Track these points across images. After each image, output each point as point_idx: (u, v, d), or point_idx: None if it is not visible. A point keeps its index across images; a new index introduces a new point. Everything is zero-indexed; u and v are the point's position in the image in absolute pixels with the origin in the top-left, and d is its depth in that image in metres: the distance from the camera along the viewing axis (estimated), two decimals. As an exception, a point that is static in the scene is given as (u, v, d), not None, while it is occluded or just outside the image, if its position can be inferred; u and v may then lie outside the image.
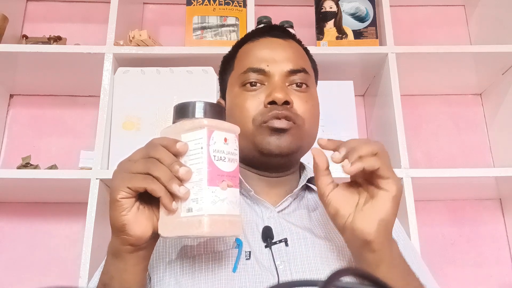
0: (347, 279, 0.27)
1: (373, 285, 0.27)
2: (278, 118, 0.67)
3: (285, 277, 0.61)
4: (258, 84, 0.71)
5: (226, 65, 0.81)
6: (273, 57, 0.72)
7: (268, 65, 0.71)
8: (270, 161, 0.70)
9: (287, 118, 0.67)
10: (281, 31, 0.79)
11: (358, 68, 1.27)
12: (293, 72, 0.72)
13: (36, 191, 1.20)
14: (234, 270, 0.61)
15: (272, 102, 0.68)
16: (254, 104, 0.70)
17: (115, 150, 1.09)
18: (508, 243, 1.33)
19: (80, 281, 0.96)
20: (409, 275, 0.59)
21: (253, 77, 0.71)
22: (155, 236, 0.52)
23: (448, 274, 1.29)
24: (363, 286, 0.27)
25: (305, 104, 0.71)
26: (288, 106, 0.68)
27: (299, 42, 0.80)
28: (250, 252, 0.63)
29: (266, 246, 0.63)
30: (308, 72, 0.74)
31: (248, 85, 0.71)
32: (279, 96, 0.67)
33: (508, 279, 1.30)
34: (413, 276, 0.60)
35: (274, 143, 0.67)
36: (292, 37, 0.79)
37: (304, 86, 0.72)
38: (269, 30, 0.79)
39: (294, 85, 0.72)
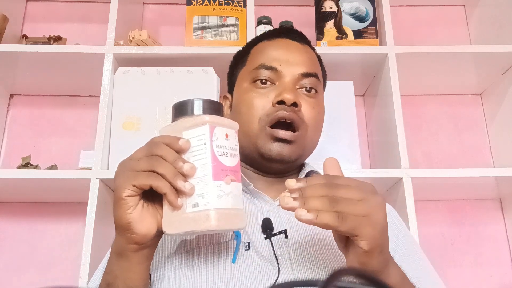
0: (347, 279, 0.27)
1: (373, 285, 0.27)
2: (284, 119, 0.67)
3: (285, 268, 0.61)
4: (268, 83, 0.71)
5: (238, 60, 0.81)
6: (287, 58, 0.72)
7: (281, 65, 0.71)
8: (269, 166, 0.71)
9: (292, 121, 0.68)
10: (298, 35, 0.79)
11: (358, 68, 1.27)
12: (305, 75, 0.72)
13: (36, 191, 1.20)
14: (233, 261, 0.61)
15: (281, 102, 0.68)
16: (262, 102, 0.70)
17: (115, 150, 1.09)
18: (508, 243, 1.33)
19: (80, 281, 0.96)
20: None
21: (264, 74, 0.71)
22: (159, 234, 0.52)
23: (448, 274, 1.29)
24: (363, 286, 0.27)
25: (312, 110, 0.71)
26: (296, 108, 0.68)
27: (313, 49, 0.81)
28: (249, 243, 0.63)
29: (266, 238, 0.63)
30: (319, 78, 0.75)
31: (258, 82, 0.71)
32: (288, 96, 0.67)
33: (508, 279, 1.29)
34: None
35: (276, 150, 0.68)
36: (308, 43, 0.80)
37: (313, 91, 0.73)
38: (286, 32, 0.79)
39: (304, 89, 0.72)
